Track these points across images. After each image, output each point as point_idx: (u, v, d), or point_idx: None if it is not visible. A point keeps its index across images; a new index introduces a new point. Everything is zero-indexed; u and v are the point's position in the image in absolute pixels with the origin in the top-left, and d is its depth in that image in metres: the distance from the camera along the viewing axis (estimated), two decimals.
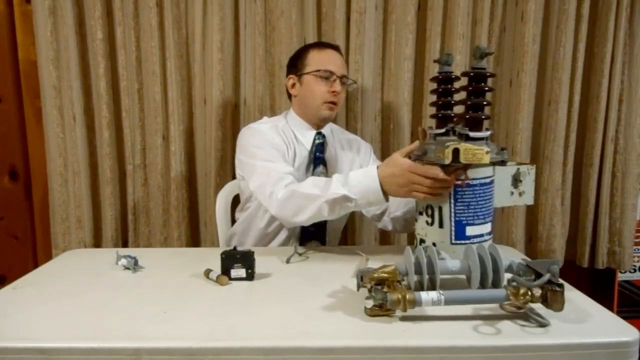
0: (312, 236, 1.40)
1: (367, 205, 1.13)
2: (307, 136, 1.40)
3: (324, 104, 1.36)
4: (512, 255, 1.21)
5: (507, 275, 0.88)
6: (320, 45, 1.43)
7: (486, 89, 1.06)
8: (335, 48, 1.43)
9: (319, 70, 1.35)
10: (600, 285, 1.89)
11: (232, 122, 1.69)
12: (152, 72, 1.62)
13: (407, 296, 0.79)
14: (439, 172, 1.00)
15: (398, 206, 1.36)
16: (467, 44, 1.64)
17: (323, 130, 1.43)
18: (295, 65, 1.42)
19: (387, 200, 1.12)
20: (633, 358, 0.73)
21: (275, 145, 1.34)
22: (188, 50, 1.66)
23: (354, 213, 1.65)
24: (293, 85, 1.42)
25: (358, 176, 1.11)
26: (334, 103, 1.37)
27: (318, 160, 1.39)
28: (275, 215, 1.23)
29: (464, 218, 1.03)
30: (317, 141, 1.40)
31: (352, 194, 1.10)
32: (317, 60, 1.37)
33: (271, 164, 1.27)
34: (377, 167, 1.11)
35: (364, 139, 1.59)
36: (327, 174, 1.38)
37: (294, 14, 1.61)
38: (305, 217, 1.17)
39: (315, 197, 1.14)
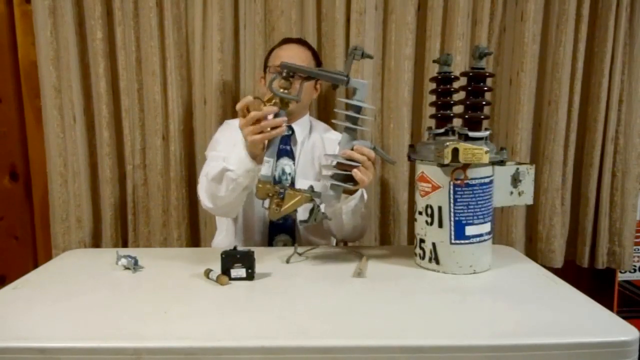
0: (279, 229, 1.41)
1: (246, 173, 1.15)
2: None
3: None
4: (512, 255, 1.21)
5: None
6: (284, 42, 1.49)
7: (485, 89, 1.07)
8: (298, 42, 1.49)
9: (269, 67, 1.44)
10: (600, 285, 1.89)
11: None
12: (152, 72, 1.62)
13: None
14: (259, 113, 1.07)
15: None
16: (467, 44, 1.63)
17: (297, 125, 1.45)
18: (264, 65, 1.52)
19: (259, 162, 1.13)
20: (632, 357, 0.74)
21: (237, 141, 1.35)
22: (188, 50, 1.66)
23: None
24: (264, 85, 1.50)
25: (237, 149, 1.16)
26: None
27: (282, 151, 1.41)
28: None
29: (463, 218, 1.03)
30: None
31: (230, 164, 1.15)
32: (274, 57, 1.43)
33: (218, 154, 1.33)
34: None
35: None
36: (294, 165, 1.41)
37: (294, 14, 1.61)
38: (207, 201, 1.28)
39: (206, 178, 1.24)
